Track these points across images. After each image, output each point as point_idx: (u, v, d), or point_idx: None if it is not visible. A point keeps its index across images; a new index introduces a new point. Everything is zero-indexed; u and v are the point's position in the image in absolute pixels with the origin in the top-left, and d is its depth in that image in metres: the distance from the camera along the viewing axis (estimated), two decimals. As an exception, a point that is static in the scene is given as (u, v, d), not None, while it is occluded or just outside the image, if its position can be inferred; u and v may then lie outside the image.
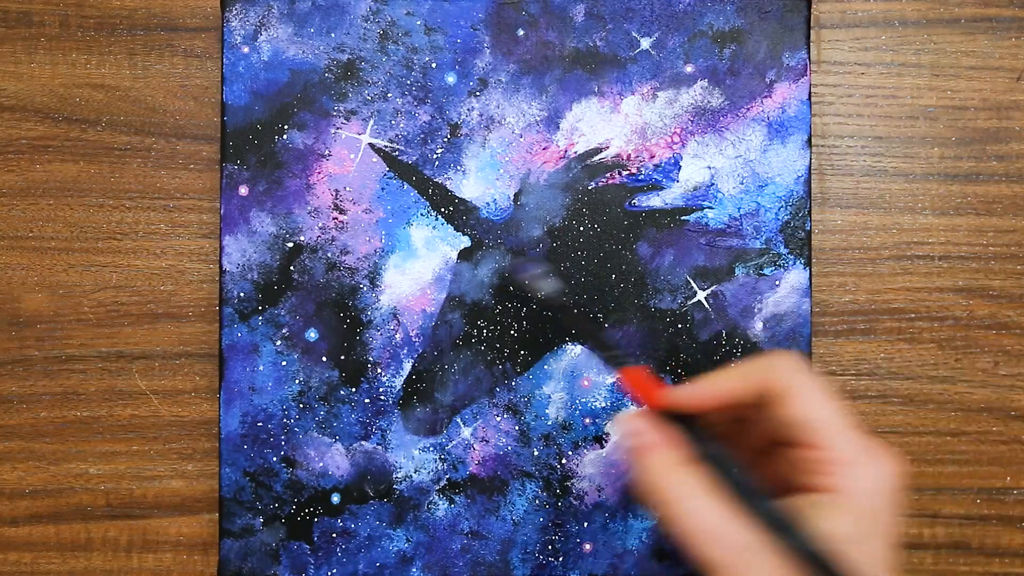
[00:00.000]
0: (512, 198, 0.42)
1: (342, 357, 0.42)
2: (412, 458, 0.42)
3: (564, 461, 0.42)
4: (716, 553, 0.28)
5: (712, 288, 0.42)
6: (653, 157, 0.42)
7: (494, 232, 0.42)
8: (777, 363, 0.30)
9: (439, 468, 0.42)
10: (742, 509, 0.28)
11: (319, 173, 0.42)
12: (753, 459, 0.33)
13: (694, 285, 0.42)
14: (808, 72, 0.42)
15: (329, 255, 0.42)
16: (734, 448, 0.32)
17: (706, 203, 0.42)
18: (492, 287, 0.42)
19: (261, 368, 0.42)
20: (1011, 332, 0.44)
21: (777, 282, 0.42)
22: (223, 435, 0.42)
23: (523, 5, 0.42)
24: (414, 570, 0.42)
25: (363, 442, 0.42)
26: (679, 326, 0.42)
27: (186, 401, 0.44)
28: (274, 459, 0.42)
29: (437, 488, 0.42)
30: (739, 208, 0.42)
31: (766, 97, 0.42)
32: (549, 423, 0.42)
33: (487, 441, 0.42)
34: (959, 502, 0.44)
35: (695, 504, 0.28)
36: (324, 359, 0.42)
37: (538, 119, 0.42)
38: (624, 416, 0.32)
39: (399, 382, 0.42)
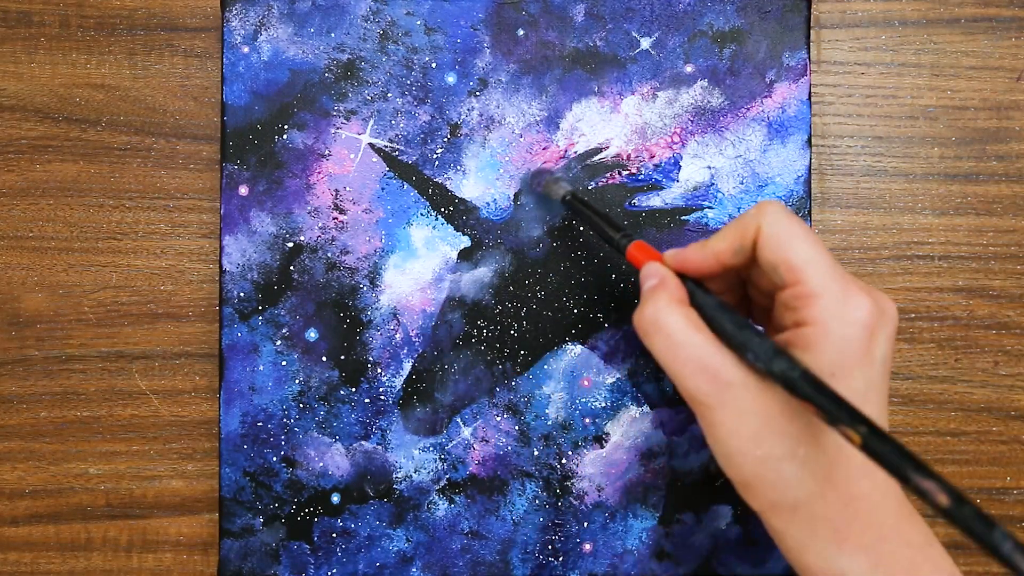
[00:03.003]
0: (512, 198, 0.42)
1: (342, 357, 0.42)
2: (412, 458, 0.42)
3: (564, 461, 0.42)
4: (701, 385, 0.29)
5: (712, 288, 0.42)
6: (653, 157, 0.42)
7: (494, 232, 0.42)
8: (758, 211, 0.31)
9: (439, 468, 0.42)
10: (732, 346, 0.29)
11: (319, 173, 0.42)
12: (758, 315, 0.35)
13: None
14: (808, 72, 0.42)
15: (329, 255, 0.42)
16: (742, 306, 0.34)
17: (706, 203, 0.42)
18: (492, 287, 0.42)
19: (261, 368, 0.42)
20: (1011, 332, 0.44)
21: (777, 282, 0.42)
22: (223, 435, 0.42)
23: (523, 5, 0.42)
24: (414, 570, 0.42)
25: (363, 442, 0.42)
26: (679, 326, 0.42)
27: (186, 401, 0.44)
28: (274, 459, 0.42)
29: (437, 488, 0.42)
30: (739, 208, 0.42)
31: (766, 97, 0.42)
32: (549, 423, 0.42)
33: (487, 441, 0.42)
34: (959, 502, 0.44)
35: (686, 337, 0.30)
36: (324, 359, 0.42)
37: (538, 119, 0.42)
38: (646, 264, 0.34)
39: (399, 382, 0.42)
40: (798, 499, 0.29)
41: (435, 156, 0.42)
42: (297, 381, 0.42)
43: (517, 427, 0.42)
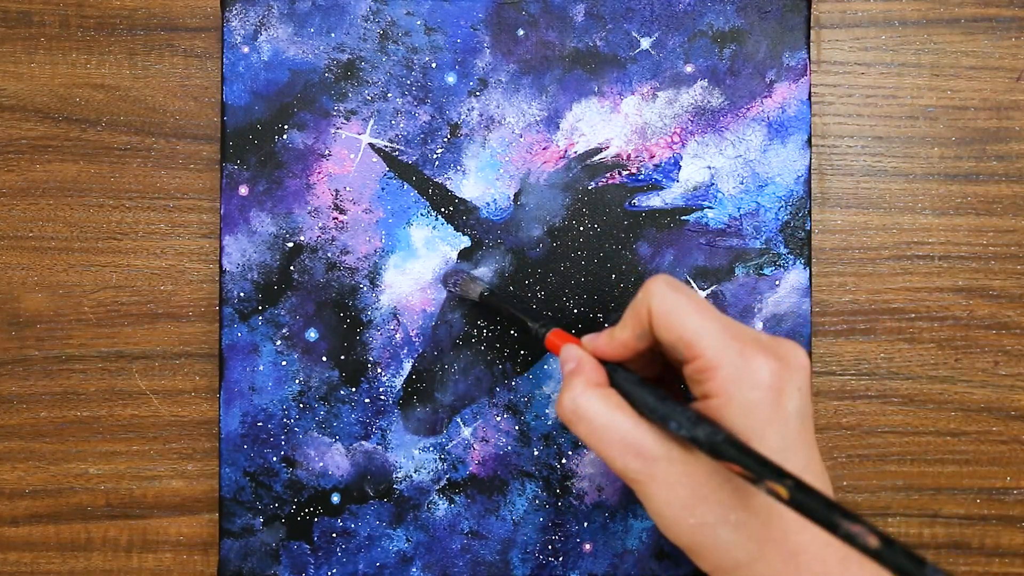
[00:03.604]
0: (512, 198, 0.42)
1: (342, 357, 0.42)
2: (412, 458, 0.42)
3: (564, 461, 0.42)
4: (630, 463, 0.30)
5: (712, 288, 0.42)
6: (653, 157, 0.42)
7: (494, 232, 0.42)
8: (645, 293, 0.32)
9: (439, 468, 0.42)
10: (656, 419, 0.30)
11: (319, 173, 0.42)
12: (676, 387, 0.35)
13: (694, 285, 0.42)
14: (808, 72, 0.42)
15: (329, 255, 0.42)
16: (668, 377, 0.34)
17: (706, 203, 0.42)
18: (492, 287, 0.42)
19: (261, 368, 0.42)
20: (1011, 332, 0.44)
21: (777, 282, 0.42)
22: (223, 435, 0.42)
23: (523, 5, 0.42)
24: (414, 570, 0.42)
25: (363, 442, 0.42)
26: (679, 326, 0.42)
27: (186, 401, 0.44)
28: (274, 459, 0.42)
29: (437, 488, 0.42)
30: (739, 208, 0.42)
31: (766, 97, 0.42)
32: (549, 423, 0.42)
33: (487, 441, 0.42)
34: (959, 502, 0.44)
35: (607, 419, 0.30)
36: (324, 359, 0.42)
37: (538, 119, 0.42)
38: (566, 345, 0.34)
39: (399, 382, 0.42)
40: (739, 561, 0.30)
41: (435, 156, 0.42)
42: (297, 381, 0.42)
43: (517, 427, 0.42)
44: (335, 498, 0.42)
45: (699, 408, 0.30)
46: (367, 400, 0.42)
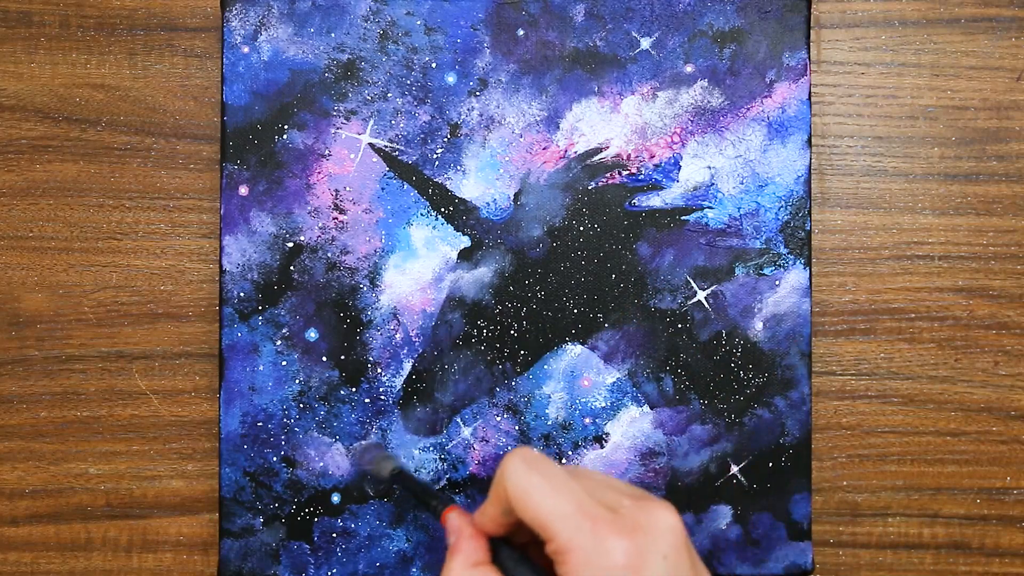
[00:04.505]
0: (512, 198, 0.42)
1: (342, 357, 0.42)
2: (412, 458, 0.42)
3: (564, 461, 0.42)
4: None
5: (712, 288, 0.42)
6: (653, 157, 0.42)
7: (494, 232, 0.42)
8: (501, 470, 0.31)
9: (439, 468, 0.42)
10: None
11: (319, 173, 0.42)
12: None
13: (694, 285, 0.42)
14: (808, 72, 0.42)
15: (329, 255, 0.42)
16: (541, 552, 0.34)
17: (706, 203, 0.42)
18: (492, 287, 0.42)
19: (261, 368, 0.42)
20: (1011, 332, 0.44)
21: (777, 282, 0.42)
22: (223, 435, 0.42)
23: (523, 5, 0.42)
24: (414, 570, 0.42)
25: (363, 442, 0.42)
26: (679, 326, 0.42)
27: (186, 401, 0.44)
28: (274, 459, 0.42)
29: (437, 488, 0.42)
30: (739, 208, 0.42)
31: (766, 97, 0.42)
32: (549, 423, 0.42)
33: (487, 441, 0.42)
34: (959, 502, 0.44)
35: None
36: (324, 359, 0.42)
37: (538, 119, 0.42)
38: (449, 515, 0.35)
39: (399, 382, 0.42)
40: None
41: (435, 156, 0.42)
42: (297, 381, 0.42)
43: (517, 427, 0.42)
44: (335, 498, 0.42)
45: None
46: (367, 400, 0.42)
